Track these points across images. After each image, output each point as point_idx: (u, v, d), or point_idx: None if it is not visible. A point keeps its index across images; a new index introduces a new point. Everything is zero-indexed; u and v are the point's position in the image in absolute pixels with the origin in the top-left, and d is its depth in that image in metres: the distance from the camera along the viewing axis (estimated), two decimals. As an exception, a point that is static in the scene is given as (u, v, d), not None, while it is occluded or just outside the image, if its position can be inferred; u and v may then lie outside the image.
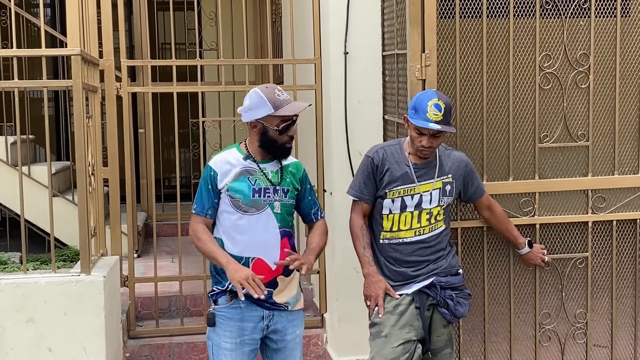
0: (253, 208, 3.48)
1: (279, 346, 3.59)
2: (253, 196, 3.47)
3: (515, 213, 4.20)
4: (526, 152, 4.23)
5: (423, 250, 3.79)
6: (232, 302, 3.50)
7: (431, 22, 4.01)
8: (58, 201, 6.28)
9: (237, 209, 3.48)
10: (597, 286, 4.34)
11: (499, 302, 4.27)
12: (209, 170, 3.51)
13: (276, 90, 3.48)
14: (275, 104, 3.43)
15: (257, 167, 3.52)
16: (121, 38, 5.13)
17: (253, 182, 3.49)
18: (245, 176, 3.49)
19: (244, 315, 3.50)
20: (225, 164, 3.51)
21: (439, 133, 3.66)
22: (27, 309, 4.21)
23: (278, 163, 3.56)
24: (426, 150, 3.70)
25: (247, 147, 3.56)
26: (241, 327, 3.50)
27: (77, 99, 4.25)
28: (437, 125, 3.61)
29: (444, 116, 3.63)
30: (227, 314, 3.51)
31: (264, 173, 3.51)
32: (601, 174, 4.28)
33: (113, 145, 5.09)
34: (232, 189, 3.47)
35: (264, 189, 3.49)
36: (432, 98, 3.66)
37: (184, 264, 5.39)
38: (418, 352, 3.75)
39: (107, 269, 4.49)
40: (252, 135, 3.53)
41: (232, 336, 3.49)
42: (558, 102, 4.23)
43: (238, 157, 3.53)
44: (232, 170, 3.49)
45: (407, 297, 3.78)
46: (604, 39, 4.24)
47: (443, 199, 3.80)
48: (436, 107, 3.63)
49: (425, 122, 3.62)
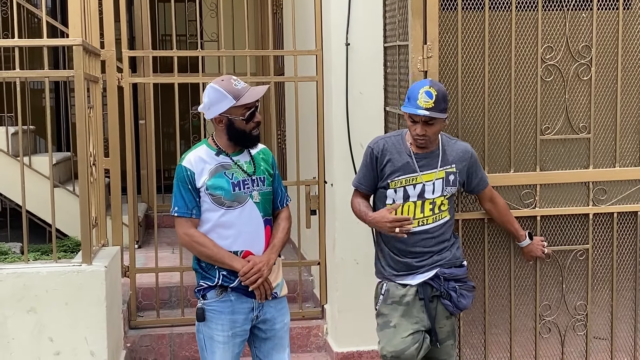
0: (235, 202, 3.47)
1: (267, 335, 3.59)
2: (234, 190, 3.46)
3: (516, 205, 4.21)
4: (527, 144, 4.23)
5: (427, 240, 3.79)
6: (222, 295, 3.50)
7: (433, 14, 4.00)
8: (58, 192, 6.25)
9: (220, 205, 3.46)
10: (597, 278, 4.34)
11: (499, 294, 4.28)
12: (184, 171, 3.45)
13: (232, 80, 3.45)
14: (235, 95, 3.41)
15: (231, 160, 3.50)
16: (122, 29, 5.13)
17: (231, 176, 3.47)
18: (221, 172, 3.47)
19: (235, 307, 3.50)
20: (199, 162, 3.47)
21: (432, 120, 3.66)
22: (29, 298, 4.20)
23: (248, 153, 3.55)
24: (420, 139, 3.71)
25: (216, 142, 3.52)
26: (232, 319, 3.50)
27: (78, 90, 4.24)
28: (426, 111, 3.61)
29: (435, 103, 3.63)
30: (218, 308, 3.50)
31: (239, 165, 3.50)
32: (602, 166, 4.28)
33: (114, 136, 5.09)
34: (211, 186, 3.45)
35: (242, 181, 3.48)
36: (424, 86, 3.67)
37: (184, 254, 5.38)
38: (426, 343, 3.78)
39: (109, 259, 4.49)
40: (218, 131, 3.50)
41: (224, 329, 3.49)
42: (560, 94, 4.23)
43: (210, 153, 3.50)
44: (207, 167, 3.46)
45: (412, 288, 3.79)
46: (606, 31, 4.24)
47: (446, 189, 3.80)
48: (427, 94, 3.64)
49: (415, 109, 3.64)
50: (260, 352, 3.63)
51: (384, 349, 3.78)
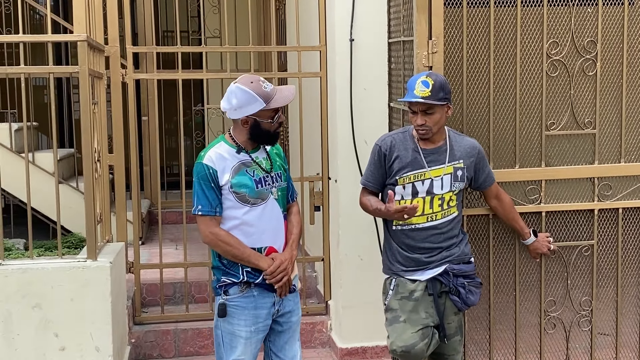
0: (259, 199, 3.48)
1: (284, 328, 3.61)
2: (257, 187, 3.47)
3: (522, 201, 4.20)
4: (533, 140, 4.22)
5: (436, 236, 3.79)
6: (246, 291, 3.50)
7: (438, 9, 3.99)
8: (62, 188, 6.22)
9: (244, 203, 3.46)
10: (602, 274, 4.33)
11: (504, 290, 4.27)
12: (207, 169, 3.43)
13: (261, 82, 3.42)
14: (266, 98, 3.38)
15: (250, 157, 3.50)
16: (126, 25, 5.11)
17: (252, 174, 3.48)
18: (243, 169, 3.47)
19: (257, 302, 3.51)
20: (221, 159, 3.45)
21: (431, 110, 3.67)
22: (34, 294, 4.21)
23: (264, 149, 3.55)
24: (421, 129, 3.72)
25: (235, 139, 3.51)
26: (255, 314, 3.50)
27: (83, 85, 4.24)
28: (421, 99, 3.62)
29: (431, 92, 3.63)
30: (241, 304, 3.50)
31: (257, 163, 3.50)
32: (608, 162, 4.27)
33: (118, 132, 5.10)
34: (236, 184, 3.44)
35: (262, 178, 3.49)
36: (421, 76, 3.69)
37: (188, 251, 5.40)
38: (436, 338, 3.78)
39: (113, 255, 4.49)
40: (239, 128, 3.48)
41: (247, 324, 3.49)
42: (565, 90, 4.22)
43: (230, 151, 3.49)
44: (229, 165, 3.46)
45: (422, 283, 3.79)
46: (611, 27, 4.23)
47: (454, 184, 3.80)
48: (423, 83, 3.65)
49: (410, 98, 3.65)
50: (274, 346, 3.63)
51: (394, 344, 3.77)
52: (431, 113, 3.68)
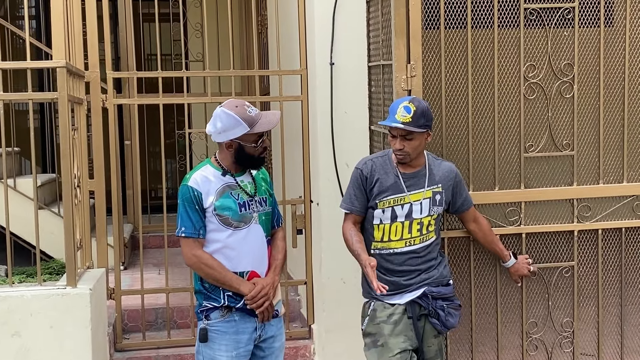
0: (242, 222, 3.48)
1: (266, 354, 3.59)
2: (240, 210, 3.47)
3: (502, 222, 4.21)
4: (512, 162, 4.24)
5: (414, 259, 3.79)
6: (227, 316, 3.49)
7: (416, 33, 4.02)
8: (43, 214, 6.25)
9: (227, 226, 3.46)
10: (583, 295, 4.34)
11: (486, 311, 4.27)
12: (191, 191, 3.44)
13: (245, 106, 3.44)
14: (250, 122, 3.40)
15: (235, 181, 3.51)
16: (107, 50, 5.11)
17: (237, 197, 3.48)
18: (227, 192, 3.47)
19: (239, 327, 3.49)
20: (206, 182, 3.46)
21: (410, 135, 3.67)
22: (13, 322, 4.17)
23: (249, 173, 3.56)
24: (399, 153, 3.72)
25: (220, 162, 3.53)
26: (236, 339, 3.48)
27: (62, 111, 4.23)
28: (401, 124, 3.62)
29: (412, 118, 3.64)
30: (222, 328, 3.48)
31: (242, 186, 3.51)
32: (586, 183, 4.29)
33: (99, 158, 5.07)
34: (219, 207, 3.45)
35: (247, 201, 3.50)
36: (404, 101, 3.70)
37: (171, 275, 5.37)
38: None
39: (94, 281, 4.46)
40: (224, 152, 3.50)
41: (227, 349, 3.47)
42: (543, 112, 4.25)
43: (216, 173, 3.50)
44: (214, 188, 3.46)
45: (400, 306, 3.78)
46: (587, 49, 4.26)
47: (433, 209, 3.81)
48: (405, 109, 3.66)
49: (390, 122, 3.66)
50: None
51: None
52: (410, 139, 3.69)
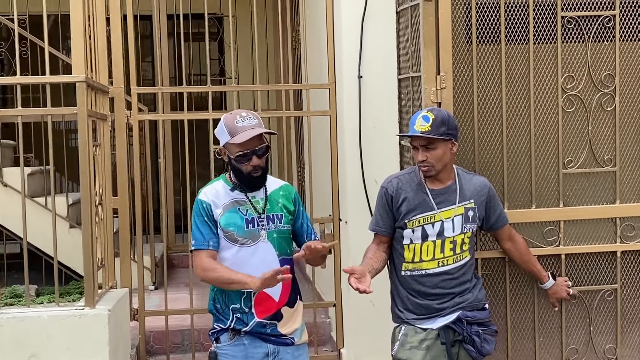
0: (249, 239, 3.33)
1: None
2: (247, 227, 3.33)
3: (539, 243, 4.01)
4: (549, 179, 4.04)
5: (447, 282, 3.61)
6: (235, 339, 3.36)
7: (446, 43, 3.86)
8: (75, 233, 6.20)
9: (233, 242, 3.33)
10: (627, 319, 4.12)
11: (523, 336, 4.08)
12: (200, 204, 3.35)
13: (238, 116, 3.29)
14: (231, 131, 3.27)
15: (246, 197, 3.37)
16: (131, 66, 5.07)
17: (245, 213, 3.34)
18: (235, 207, 3.35)
19: (248, 352, 3.35)
20: (215, 195, 3.36)
21: (432, 144, 3.53)
22: (30, 344, 4.11)
23: (264, 190, 3.41)
24: (422, 165, 3.58)
25: (232, 177, 3.41)
26: None
27: (82, 127, 4.17)
28: (419, 133, 3.50)
29: (431, 127, 3.51)
30: (230, 352, 3.36)
31: (252, 202, 3.37)
32: (630, 201, 4.08)
33: (123, 175, 5.01)
34: (224, 222, 3.33)
35: (256, 218, 3.35)
36: (422, 112, 3.58)
37: (200, 296, 5.26)
38: None
39: (114, 302, 4.37)
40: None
41: None
42: (583, 126, 4.04)
43: (225, 188, 3.39)
44: (221, 202, 3.35)
45: (433, 331, 3.60)
46: (629, 61, 4.05)
47: (466, 226, 3.62)
48: (423, 118, 3.54)
49: (409, 133, 3.56)
50: None
51: None
52: (432, 148, 3.53)
